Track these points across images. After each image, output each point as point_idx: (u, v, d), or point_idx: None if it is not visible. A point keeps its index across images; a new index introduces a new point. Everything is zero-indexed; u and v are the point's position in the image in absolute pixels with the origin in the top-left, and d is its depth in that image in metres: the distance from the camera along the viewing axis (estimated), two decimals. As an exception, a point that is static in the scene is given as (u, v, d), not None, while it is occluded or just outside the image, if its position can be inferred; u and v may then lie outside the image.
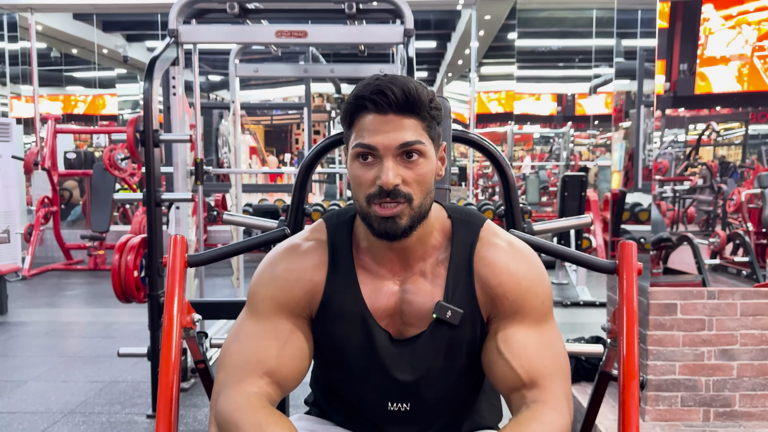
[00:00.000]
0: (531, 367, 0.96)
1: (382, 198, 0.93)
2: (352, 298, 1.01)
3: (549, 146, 10.66)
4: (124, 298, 2.84)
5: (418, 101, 0.93)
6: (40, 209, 6.24)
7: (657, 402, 2.34)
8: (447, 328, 0.99)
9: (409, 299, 1.00)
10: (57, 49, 10.47)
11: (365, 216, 0.96)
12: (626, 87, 3.20)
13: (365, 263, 1.03)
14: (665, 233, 2.77)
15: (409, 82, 0.93)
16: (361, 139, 0.93)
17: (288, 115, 14.39)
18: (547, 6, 8.92)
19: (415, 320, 1.01)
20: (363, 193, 0.94)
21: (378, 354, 1.01)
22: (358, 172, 0.95)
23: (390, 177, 0.91)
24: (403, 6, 2.88)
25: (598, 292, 5.24)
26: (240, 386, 0.96)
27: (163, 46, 2.77)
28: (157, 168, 2.67)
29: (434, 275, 1.01)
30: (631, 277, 1.10)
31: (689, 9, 2.66)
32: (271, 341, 0.99)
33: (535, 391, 0.96)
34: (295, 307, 1.01)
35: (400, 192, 0.93)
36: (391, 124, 0.92)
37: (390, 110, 0.92)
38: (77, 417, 2.86)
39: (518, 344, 0.98)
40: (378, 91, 0.92)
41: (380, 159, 0.93)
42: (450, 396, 1.06)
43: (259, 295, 1.02)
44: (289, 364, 0.99)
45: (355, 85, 0.98)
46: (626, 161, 3.12)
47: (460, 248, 1.02)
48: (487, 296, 1.00)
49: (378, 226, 0.95)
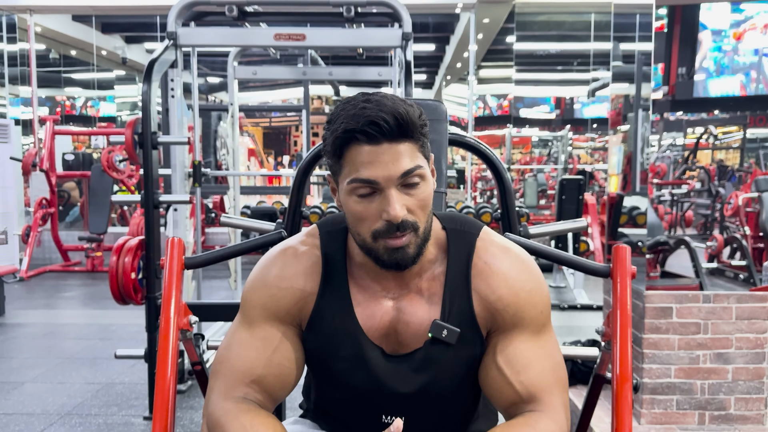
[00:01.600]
0: (530, 382, 0.95)
1: (392, 233, 0.90)
2: (344, 315, 0.99)
3: (547, 149, 10.68)
4: (121, 300, 2.84)
5: (411, 124, 0.89)
6: (38, 210, 6.24)
7: (652, 405, 2.35)
8: (443, 347, 0.97)
9: (405, 319, 0.98)
10: (56, 51, 10.48)
11: (370, 251, 0.93)
12: (624, 91, 3.21)
13: (359, 278, 1.00)
14: (663, 236, 2.78)
15: (398, 105, 0.89)
16: (357, 174, 0.89)
17: (287, 117, 14.39)
18: (545, 9, 8.94)
19: (410, 339, 0.98)
20: (367, 229, 0.91)
21: (371, 370, 0.99)
22: (358, 208, 0.91)
23: (398, 210, 0.88)
24: (401, 9, 2.90)
25: (595, 295, 5.25)
26: (228, 393, 0.97)
27: (162, 49, 2.77)
28: (154, 170, 2.67)
29: (430, 292, 0.99)
30: (625, 280, 1.10)
31: (687, 13, 2.68)
32: (259, 350, 0.98)
33: (533, 404, 0.95)
34: (285, 316, 1.00)
35: (408, 223, 0.90)
36: (387, 154, 0.88)
37: (384, 139, 0.88)
38: (74, 419, 2.86)
39: (517, 359, 0.96)
40: (369, 122, 0.87)
41: (380, 191, 0.89)
42: (445, 410, 1.04)
43: (251, 302, 1.01)
44: (277, 372, 0.98)
45: (344, 103, 0.92)
46: (624, 165, 3.13)
47: (456, 261, 0.99)
48: (487, 311, 0.98)
49: (388, 258, 0.92)
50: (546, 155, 10.55)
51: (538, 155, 11.24)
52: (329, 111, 10.97)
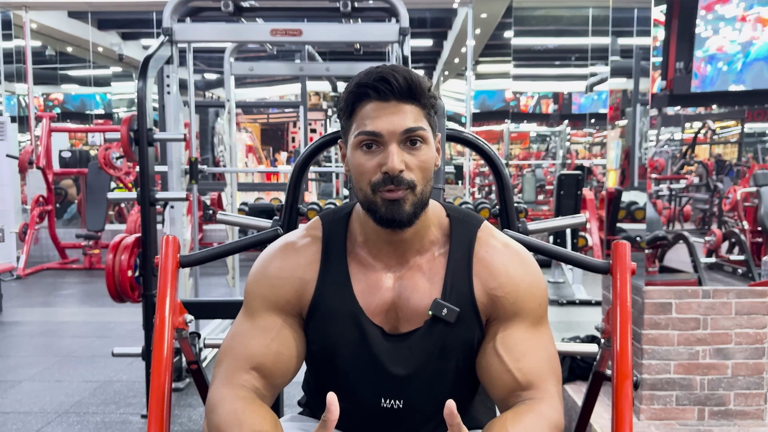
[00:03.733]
0: (528, 369, 0.97)
1: (387, 185, 0.93)
2: (343, 297, 1.00)
3: (546, 144, 10.67)
4: (118, 297, 2.83)
5: (419, 88, 0.94)
6: (35, 208, 6.23)
7: (652, 401, 2.34)
8: (443, 326, 0.99)
9: (406, 295, 1.00)
10: (52, 48, 10.43)
11: (369, 204, 0.95)
12: (622, 85, 3.20)
13: (360, 257, 1.02)
14: (661, 232, 2.77)
15: (411, 72, 0.94)
16: (363, 127, 0.93)
17: (285, 113, 14.35)
18: (542, 4, 8.92)
19: (410, 316, 1.00)
20: (367, 181, 0.94)
21: (371, 350, 1.00)
22: (360, 161, 0.94)
23: (396, 162, 0.91)
24: (398, 4, 2.88)
25: (594, 290, 5.25)
26: (228, 380, 0.99)
27: (157, 45, 2.75)
28: (151, 167, 2.66)
29: (432, 272, 1.01)
30: (625, 276, 1.09)
31: (685, 6, 2.66)
32: (259, 338, 1.01)
33: (531, 391, 0.97)
34: (285, 305, 1.02)
35: (404, 179, 0.93)
36: (393, 110, 0.93)
37: (392, 97, 0.93)
38: (71, 417, 2.85)
39: (517, 347, 0.98)
40: (381, 78, 0.92)
41: (383, 146, 0.93)
42: (443, 396, 1.04)
43: (252, 293, 1.04)
44: (276, 359, 1.00)
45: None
46: (623, 159, 3.12)
47: (459, 247, 1.02)
48: (487, 297, 1.00)
49: (385, 211, 0.94)
50: (544, 150, 10.54)
51: (537, 150, 11.22)
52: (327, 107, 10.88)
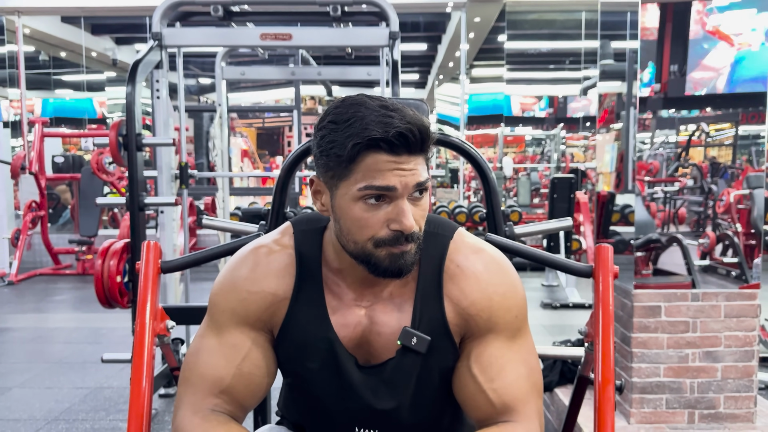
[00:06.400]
0: (504, 391, 0.93)
1: (398, 243, 0.88)
2: (319, 323, 0.96)
3: (541, 148, 10.68)
4: (107, 303, 2.82)
5: (430, 139, 0.88)
6: (28, 213, 6.20)
7: (642, 404, 2.34)
8: (414, 356, 0.94)
9: (377, 329, 0.95)
10: (45, 53, 10.41)
11: (368, 257, 0.90)
12: (616, 89, 3.21)
13: (333, 284, 0.97)
14: (654, 234, 2.77)
15: (421, 119, 0.87)
16: (372, 182, 0.85)
17: (280, 117, 14.34)
18: (536, 8, 8.94)
19: (381, 349, 0.96)
20: (368, 237, 0.88)
21: (345, 380, 0.96)
22: (363, 215, 0.87)
23: (411, 222, 0.87)
24: (388, 9, 2.88)
25: (587, 294, 5.25)
26: (198, 406, 0.95)
27: (147, 49, 2.75)
28: (140, 172, 2.65)
29: (402, 299, 0.96)
30: (607, 280, 1.09)
31: (679, 10, 2.67)
32: (228, 358, 0.96)
33: (507, 415, 0.93)
34: (256, 322, 0.97)
35: (414, 234, 0.89)
36: (405, 165, 0.86)
37: (405, 151, 0.86)
38: (61, 424, 2.83)
39: (492, 366, 0.94)
40: (398, 133, 0.84)
41: (390, 200, 0.87)
42: (423, 426, 1.01)
43: (219, 306, 0.98)
44: (247, 382, 0.96)
45: (352, 105, 0.87)
46: (617, 163, 3.12)
47: (428, 266, 0.97)
48: (460, 317, 0.95)
49: (390, 264, 0.89)
50: (539, 154, 10.55)
51: (532, 154, 11.23)
52: (322, 111, 10.89)
